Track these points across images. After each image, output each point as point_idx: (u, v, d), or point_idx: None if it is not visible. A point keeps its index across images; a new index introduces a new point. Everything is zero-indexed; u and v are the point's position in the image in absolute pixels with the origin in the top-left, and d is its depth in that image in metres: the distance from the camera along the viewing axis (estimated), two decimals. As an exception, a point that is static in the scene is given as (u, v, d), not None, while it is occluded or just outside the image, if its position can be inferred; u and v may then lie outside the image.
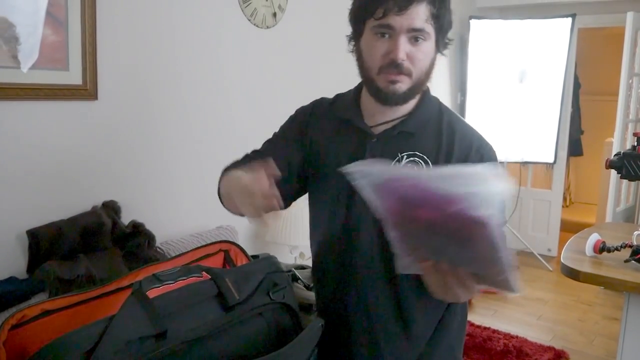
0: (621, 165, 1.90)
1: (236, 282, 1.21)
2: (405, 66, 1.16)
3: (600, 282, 1.89)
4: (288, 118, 1.41)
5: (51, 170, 1.84)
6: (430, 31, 1.16)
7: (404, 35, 1.14)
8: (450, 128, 1.25)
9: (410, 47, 1.15)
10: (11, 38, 1.71)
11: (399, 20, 1.13)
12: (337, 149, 1.28)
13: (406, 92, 1.19)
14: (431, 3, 1.15)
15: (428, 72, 1.21)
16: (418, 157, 1.22)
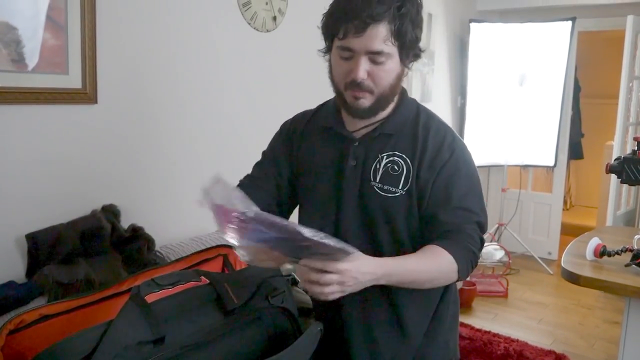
0: (621, 169, 1.90)
1: (235, 286, 1.22)
2: (365, 84, 1.21)
3: (600, 286, 1.89)
4: (274, 134, 1.48)
5: (50, 173, 1.84)
6: (391, 50, 1.19)
7: (363, 56, 1.18)
8: (426, 127, 1.31)
9: (371, 66, 1.19)
10: (11, 42, 1.70)
11: (357, 42, 1.17)
12: (323, 156, 1.35)
13: (371, 106, 1.24)
14: (391, 22, 1.16)
15: (393, 86, 1.25)
16: (397, 157, 1.28)
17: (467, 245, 1.24)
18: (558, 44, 4.53)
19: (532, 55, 4.57)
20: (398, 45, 1.19)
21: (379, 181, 1.28)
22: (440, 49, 4.44)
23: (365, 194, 1.29)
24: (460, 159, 1.30)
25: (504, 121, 4.66)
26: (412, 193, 1.26)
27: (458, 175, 1.28)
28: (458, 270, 1.22)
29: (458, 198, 1.26)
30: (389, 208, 1.28)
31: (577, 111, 5.78)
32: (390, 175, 1.27)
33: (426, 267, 1.21)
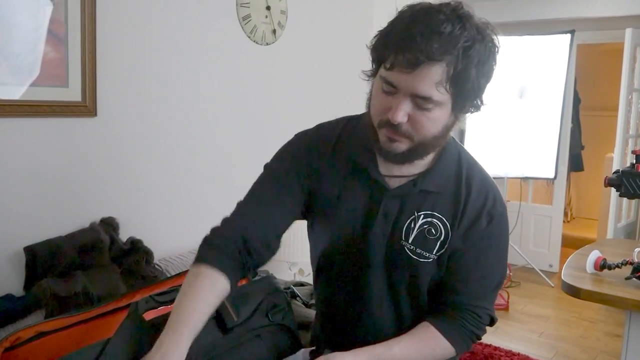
0: (620, 183, 1.90)
1: (235, 303, 1.21)
2: (403, 129, 1.03)
3: (601, 299, 1.88)
4: (287, 146, 1.25)
5: (49, 186, 1.84)
6: (442, 98, 1.00)
7: (407, 97, 1.00)
8: (467, 183, 1.16)
9: (414, 110, 1.01)
10: (11, 55, 1.71)
11: (404, 79, 0.98)
12: (352, 197, 1.17)
13: (406, 152, 1.07)
14: (450, 64, 0.96)
15: (437, 137, 1.07)
16: (436, 218, 1.14)
17: (470, 327, 1.17)
18: (557, 56, 4.54)
19: (532, 67, 4.58)
20: (453, 93, 1.00)
21: (412, 242, 1.14)
22: (439, 61, 4.45)
23: (394, 253, 1.16)
24: (496, 230, 1.17)
25: (504, 133, 4.67)
26: (444, 258, 1.15)
27: (489, 250, 1.17)
28: (455, 352, 1.17)
29: (481, 275, 1.17)
30: (418, 272, 1.16)
31: (577, 123, 5.79)
32: (426, 238, 1.14)
33: (418, 353, 1.13)
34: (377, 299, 1.21)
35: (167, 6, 2.17)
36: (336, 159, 1.18)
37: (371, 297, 1.21)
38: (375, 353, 1.09)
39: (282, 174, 1.19)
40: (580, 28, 4.59)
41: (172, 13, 2.19)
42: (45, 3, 1.78)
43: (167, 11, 2.17)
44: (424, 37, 0.94)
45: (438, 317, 1.17)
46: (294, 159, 1.20)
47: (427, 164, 1.15)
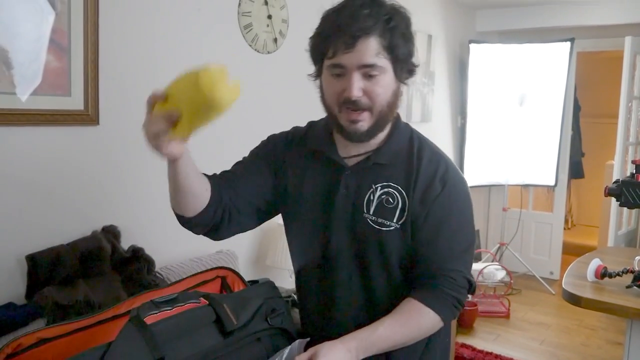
0: (620, 193, 1.90)
1: (234, 307, 1.21)
2: (362, 102, 1.14)
3: (602, 308, 1.88)
4: (260, 143, 1.41)
5: (51, 194, 1.85)
6: (385, 64, 1.14)
7: (356, 72, 1.13)
8: (419, 155, 1.25)
9: (365, 83, 1.14)
10: (14, 64, 1.72)
11: (348, 57, 1.11)
12: (313, 181, 1.28)
13: (369, 129, 1.18)
14: (381, 35, 1.12)
15: (391, 105, 1.19)
16: (392, 188, 1.22)
17: (449, 292, 1.19)
18: (557, 64, 4.56)
19: (532, 75, 4.60)
20: (391, 59, 1.14)
21: (373, 214, 1.22)
22: (440, 69, 4.47)
23: (357, 226, 1.23)
24: (453, 194, 1.24)
25: (504, 141, 4.68)
26: (407, 227, 1.21)
27: (449, 211, 1.23)
28: (442, 320, 1.20)
29: (447, 236, 1.22)
30: (384, 242, 1.22)
31: (577, 130, 5.80)
32: (385, 207, 1.21)
33: (404, 329, 1.17)
34: (346, 272, 1.26)
35: (169, 16, 2.18)
36: (301, 152, 1.32)
37: (342, 281, 1.26)
38: (361, 337, 1.13)
39: (253, 159, 1.36)
40: (580, 36, 4.61)
41: (174, 22, 2.20)
42: (48, 12, 1.79)
43: (169, 21, 2.18)
44: (352, 18, 1.11)
45: (416, 290, 1.21)
46: (263, 150, 1.37)
47: (379, 142, 1.25)
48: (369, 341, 1.13)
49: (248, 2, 2.51)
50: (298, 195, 1.30)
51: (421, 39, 4.16)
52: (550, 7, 4.57)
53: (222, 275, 1.42)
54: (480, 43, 4.66)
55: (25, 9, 1.73)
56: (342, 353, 1.08)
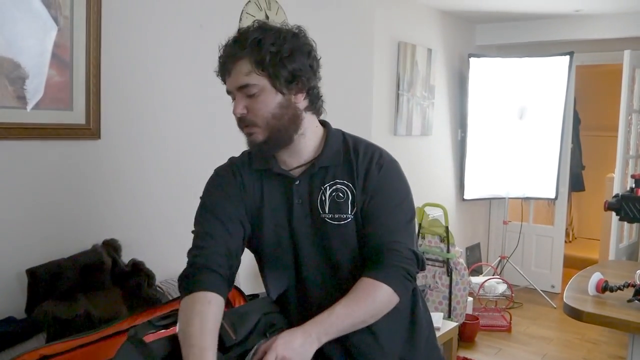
0: (619, 207, 1.91)
1: (233, 322, 1.21)
2: (247, 119, 1.27)
3: (603, 322, 1.87)
4: (210, 183, 1.45)
5: (52, 208, 1.85)
6: (259, 81, 1.24)
7: (239, 93, 1.26)
8: (355, 150, 1.35)
9: (248, 101, 1.26)
10: (17, 79, 1.74)
11: (229, 82, 1.27)
12: (268, 197, 1.36)
13: (266, 140, 1.28)
14: (250, 55, 1.23)
15: (277, 116, 1.27)
16: (339, 184, 1.32)
17: (396, 263, 1.25)
18: (556, 77, 4.58)
19: (531, 89, 4.62)
20: (266, 75, 1.24)
21: (328, 212, 1.31)
22: (440, 83, 4.50)
23: (318, 228, 1.32)
24: (389, 174, 1.34)
25: (504, 154, 4.69)
26: (358, 216, 1.31)
27: (387, 189, 1.32)
28: (395, 292, 1.24)
29: (388, 212, 1.30)
30: (345, 234, 1.31)
31: (577, 143, 5.81)
32: (337, 203, 1.31)
33: (361, 306, 1.21)
34: (319, 276, 1.33)
35: (171, 32, 2.20)
36: (252, 173, 1.39)
37: (317, 284, 1.33)
38: (320, 320, 1.18)
39: (218, 200, 1.38)
40: (579, 50, 4.64)
41: (176, 38, 2.22)
42: (51, 27, 1.81)
43: (171, 36, 2.20)
44: (226, 47, 1.27)
45: (367, 268, 1.27)
46: (223, 184, 1.40)
47: (317, 149, 1.35)
48: (328, 323, 1.18)
49: (249, 17, 2.53)
50: (261, 212, 1.36)
51: (421, 53, 4.19)
52: (549, 21, 4.60)
53: None
54: (479, 57, 4.69)
55: (29, 25, 1.75)
56: (301, 338, 1.14)
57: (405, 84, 4.03)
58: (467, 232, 5.00)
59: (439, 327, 2.85)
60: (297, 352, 1.12)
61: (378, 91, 3.67)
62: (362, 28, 3.29)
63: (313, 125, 1.36)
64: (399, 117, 3.99)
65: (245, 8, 2.51)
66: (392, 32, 3.91)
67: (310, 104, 1.33)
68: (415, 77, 4.14)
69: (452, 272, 3.64)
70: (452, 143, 4.79)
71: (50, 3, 1.79)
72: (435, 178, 4.52)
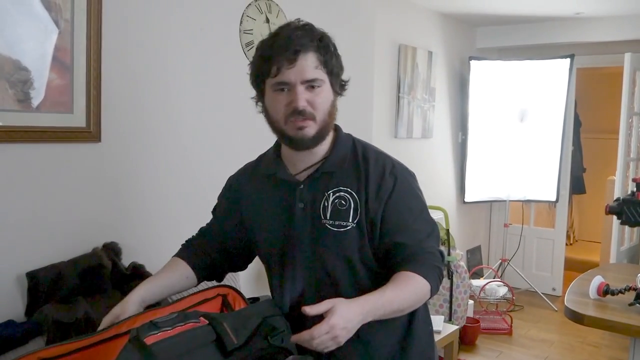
0: (621, 211, 1.90)
1: (234, 326, 1.21)
2: (308, 111, 1.25)
3: (604, 326, 1.87)
4: (222, 190, 1.54)
5: (52, 211, 1.85)
6: (323, 77, 1.27)
7: (300, 85, 1.24)
8: (365, 158, 1.34)
9: (309, 94, 1.25)
10: (18, 82, 1.74)
11: (292, 73, 1.23)
12: (270, 204, 1.38)
13: (315, 135, 1.28)
14: (318, 51, 1.25)
15: (331, 114, 1.30)
16: (343, 191, 1.31)
17: (432, 263, 1.28)
18: (557, 80, 4.58)
19: (532, 91, 4.62)
20: (327, 73, 1.27)
21: (330, 218, 1.30)
22: (440, 85, 4.50)
23: (318, 234, 1.31)
24: (405, 184, 1.33)
25: (505, 156, 4.69)
26: (362, 224, 1.29)
27: (407, 200, 1.32)
28: (430, 289, 1.27)
29: (413, 221, 1.31)
30: (343, 242, 1.30)
31: (578, 146, 5.81)
32: (339, 210, 1.30)
33: (404, 294, 1.24)
34: (314, 280, 1.33)
35: (171, 34, 2.20)
36: (254, 180, 1.43)
37: (311, 290, 1.33)
38: (372, 300, 1.19)
39: (220, 209, 1.51)
40: (580, 52, 4.64)
41: (177, 41, 2.22)
42: (52, 30, 1.81)
43: (172, 39, 2.20)
44: (290, 38, 1.23)
45: (403, 266, 1.27)
46: (225, 194, 1.52)
47: (324, 152, 1.34)
48: (379, 304, 1.19)
49: (250, 19, 2.53)
50: (259, 220, 1.40)
51: (422, 56, 4.19)
52: (549, 24, 4.61)
53: (223, 294, 1.41)
54: (480, 60, 4.69)
55: (30, 28, 1.75)
56: (357, 315, 1.15)
57: (406, 87, 4.04)
58: (468, 234, 5.00)
59: (440, 330, 2.84)
60: (348, 329, 1.13)
61: (379, 94, 3.67)
62: (363, 31, 3.30)
63: None
64: (399, 120, 3.99)
65: (245, 11, 2.51)
66: (392, 34, 3.92)
67: None
68: (416, 80, 4.14)
69: (453, 275, 3.63)
70: (453, 146, 4.79)
71: (51, 6, 1.80)
72: (435, 181, 4.52)
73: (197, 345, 1.15)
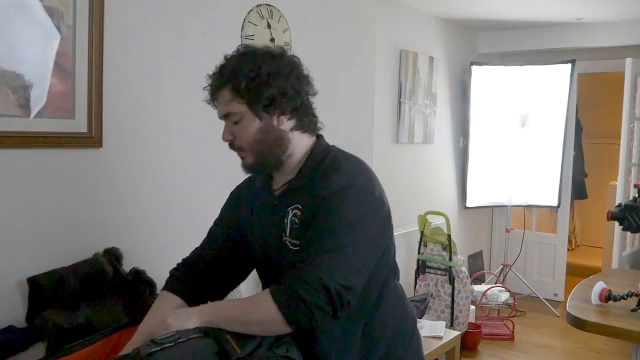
0: (623, 217, 1.90)
1: (238, 337, 1.20)
2: (235, 145, 1.33)
3: (607, 332, 1.86)
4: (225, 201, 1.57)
5: (53, 217, 1.85)
6: (239, 108, 1.28)
7: (225, 120, 1.32)
8: (324, 172, 1.28)
9: (233, 127, 1.31)
10: (19, 87, 1.74)
11: (218, 110, 1.33)
12: (258, 215, 1.41)
13: (254, 162, 1.32)
14: (229, 83, 1.28)
15: (261, 140, 1.29)
16: (297, 209, 1.28)
17: (295, 288, 1.13)
18: (558, 85, 4.59)
19: (533, 96, 4.62)
20: (246, 102, 1.27)
21: (289, 235, 1.28)
22: (442, 91, 4.50)
23: (280, 251, 1.30)
24: (340, 198, 1.20)
25: (506, 162, 4.68)
26: None
27: (329, 211, 1.20)
28: (282, 315, 1.14)
29: (313, 239, 1.19)
30: (296, 261, 1.20)
31: (579, 151, 5.81)
32: (294, 228, 1.27)
33: (243, 303, 1.24)
34: None
35: (173, 40, 2.21)
36: (251, 194, 1.46)
37: None
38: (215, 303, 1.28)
39: (218, 223, 1.54)
40: (581, 58, 4.64)
41: (178, 47, 2.23)
42: (53, 36, 1.81)
43: (174, 45, 2.21)
44: (212, 77, 1.36)
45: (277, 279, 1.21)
46: (224, 211, 1.55)
47: (296, 169, 1.34)
48: (215, 306, 1.25)
49: (251, 25, 2.54)
50: (250, 233, 1.43)
51: (423, 61, 4.20)
52: (551, 29, 4.61)
53: None
54: (481, 65, 4.70)
55: (31, 33, 1.75)
56: (193, 314, 1.20)
57: (407, 92, 4.04)
58: (470, 240, 4.99)
59: (441, 335, 2.83)
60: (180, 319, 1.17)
61: (380, 99, 3.68)
62: (364, 36, 3.30)
63: (302, 145, 1.33)
64: (401, 125, 3.99)
65: (247, 17, 2.52)
66: (394, 40, 3.92)
67: (299, 123, 1.31)
68: (417, 85, 4.14)
69: (455, 280, 3.63)
70: (454, 151, 4.79)
71: (53, 12, 1.80)
72: (437, 186, 4.52)
73: (200, 357, 1.13)
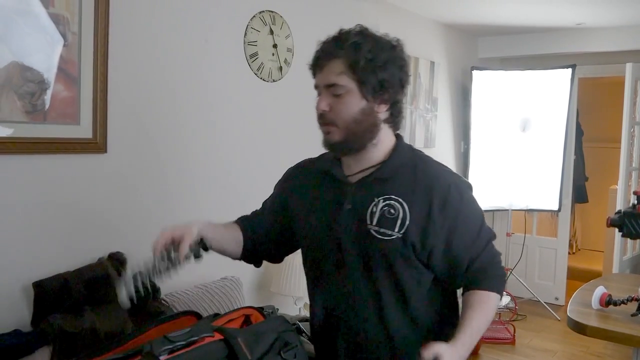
0: (622, 223, 1.91)
1: (248, 341, 1.21)
2: (327, 116, 1.29)
3: (607, 336, 1.87)
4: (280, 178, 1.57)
5: (59, 221, 1.87)
6: (348, 84, 1.26)
7: (325, 90, 1.29)
8: (426, 173, 1.35)
9: (332, 99, 1.28)
10: (25, 94, 1.76)
11: (319, 78, 1.31)
12: (317, 198, 1.40)
13: (341, 140, 1.30)
14: (346, 56, 1.26)
15: (359, 121, 1.29)
16: (393, 200, 1.31)
17: (498, 273, 1.36)
18: (559, 90, 4.60)
19: (534, 101, 4.63)
20: (356, 80, 1.26)
21: (376, 224, 1.30)
22: (443, 95, 4.52)
23: (362, 237, 1.32)
24: (469, 199, 1.38)
25: (507, 166, 4.69)
26: (408, 237, 1.29)
27: (472, 215, 1.36)
28: (499, 298, 1.34)
29: (477, 235, 1.35)
30: (386, 251, 1.30)
31: (580, 155, 5.81)
32: (387, 218, 1.30)
33: (486, 317, 1.30)
34: (358, 284, 1.34)
35: (176, 45, 2.23)
36: (309, 175, 1.46)
37: (353, 289, 1.34)
38: (464, 341, 1.22)
39: (272, 197, 1.55)
40: (581, 62, 4.65)
41: (182, 53, 2.25)
42: (59, 43, 1.83)
43: (177, 51, 2.23)
44: (325, 44, 1.30)
45: (473, 281, 1.33)
46: (279, 185, 1.54)
47: (381, 158, 1.35)
48: (469, 342, 1.24)
49: (254, 31, 2.56)
50: (303, 214, 1.42)
51: (424, 66, 4.22)
52: (551, 34, 4.63)
53: (247, 314, 1.43)
54: (482, 70, 4.71)
55: (37, 40, 1.78)
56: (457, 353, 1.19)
57: (408, 97, 4.06)
58: (471, 243, 4.98)
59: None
60: None
61: (381, 104, 3.68)
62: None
63: (387, 138, 1.37)
64: (402, 130, 4.00)
65: (250, 23, 2.54)
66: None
67: (391, 117, 1.35)
68: (418, 90, 4.16)
69: (456, 284, 3.63)
70: (455, 155, 4.80)
71: (59, 19, 1.82)
72: (438, 190, 4.52)
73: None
